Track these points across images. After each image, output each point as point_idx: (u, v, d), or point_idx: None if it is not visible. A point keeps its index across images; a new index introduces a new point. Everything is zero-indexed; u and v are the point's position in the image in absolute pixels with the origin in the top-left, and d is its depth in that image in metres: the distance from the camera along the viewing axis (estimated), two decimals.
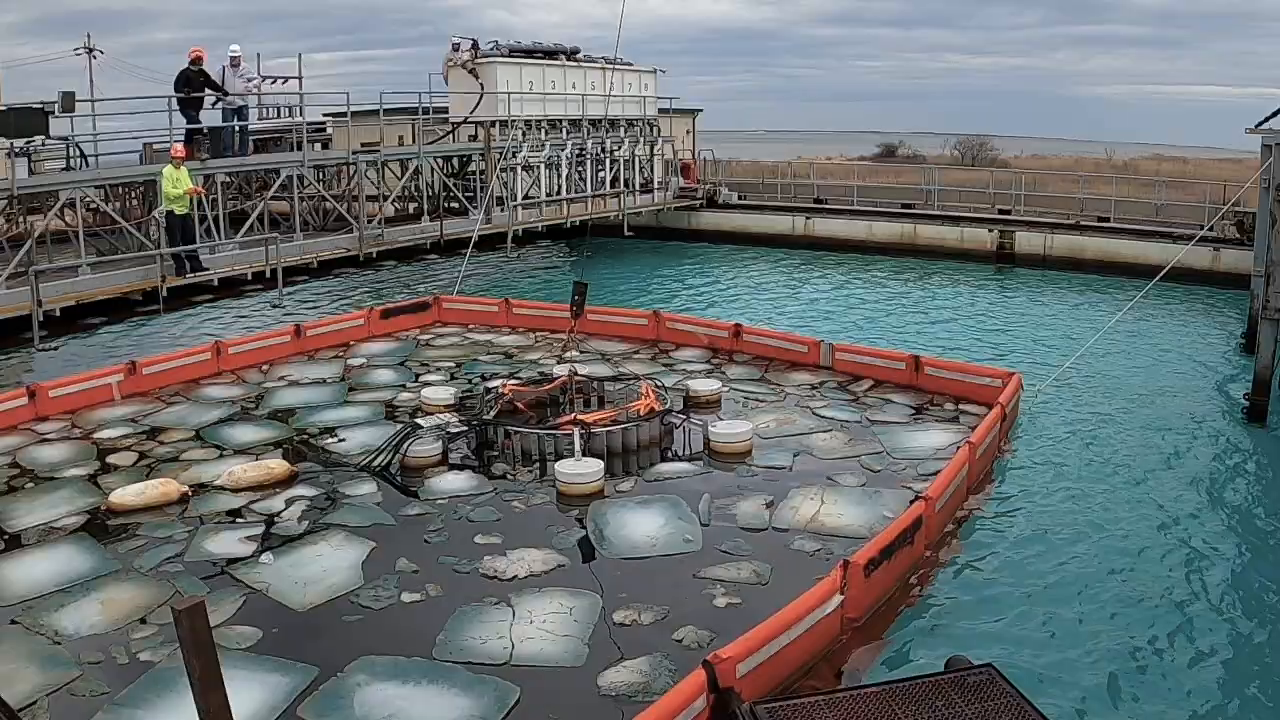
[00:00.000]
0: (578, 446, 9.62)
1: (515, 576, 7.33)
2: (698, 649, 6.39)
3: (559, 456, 9.63)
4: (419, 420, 10.58)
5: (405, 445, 9.82)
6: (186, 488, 9.05)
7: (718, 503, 8.78)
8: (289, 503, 8.87)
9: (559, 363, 13.72)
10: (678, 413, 11.05)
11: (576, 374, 11.54)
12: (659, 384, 11.70)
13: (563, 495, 9.03)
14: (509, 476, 9.50)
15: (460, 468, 9.73)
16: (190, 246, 15.68)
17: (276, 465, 9.56)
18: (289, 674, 6.10)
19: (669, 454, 10.22)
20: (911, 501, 8.36)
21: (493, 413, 10.63)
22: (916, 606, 7.43)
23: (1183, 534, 8.86)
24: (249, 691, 5.68)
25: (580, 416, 10.35)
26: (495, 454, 10.02)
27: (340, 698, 5.88)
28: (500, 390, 11.16)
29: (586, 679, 6.11)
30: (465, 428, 10.38)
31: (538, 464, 9.75)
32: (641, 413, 10.54)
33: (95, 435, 10.70)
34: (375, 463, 9.70)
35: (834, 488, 9.11)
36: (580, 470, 9.12)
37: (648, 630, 6.67)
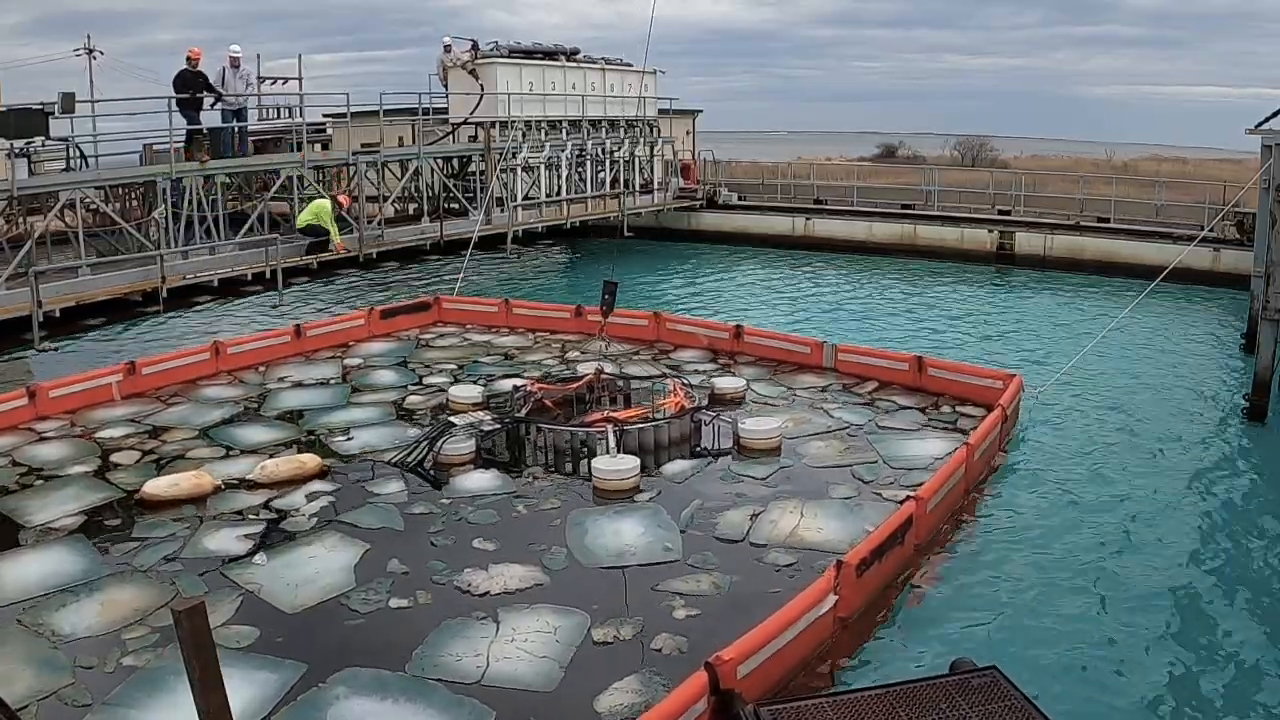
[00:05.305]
0: (612, 444, 9.62)
1: (488, 593, 7.19)
2: (672, 659, 6.34)
3: (592, 454, 9.64)
4: (452, 419, 10.56)
5: (440, 443, 9.82)
6: (219, 481, 9.08)
7: (706, 508, 8.70)
8: (310, 498, 8.86)
9: (561, 361, 13.79)
10: (707, 410, 11.08)
11: (603, 372, 11.60)
12: (686, 381, 11.70)
13: (599, 492, 9.04)
14: (534, 479, 9.47)
15: (488, 466, 9.73)
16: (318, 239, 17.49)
17: (309, 460, 9.57)
18: (269, 678, 6.07)
19: (698, 451, 10.24)
20: (902, 501, 8.33)
21: (525, 411, 10.66)
22: (913, 606, 7.42)
23: (1183, 534, 8.86)
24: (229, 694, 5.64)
25: (612, 414, 10.38)
26: (526, 453, 10.06)
27: (317, 709, 5.81)
28: (529, 388, 11.20)
29: (560, 703, 5.97)
30: (498, 426, 10.39)
31: (570, 461, 9.80)
32: (673, 410, 10.56)
33: (98, 435, 10.68)
34: (409, 459, 9.72)
35: (817, 500, 8.91)
36: (617, 467, 9.14)
37: (626, 647, 6.53)
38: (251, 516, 8.53)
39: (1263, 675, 6.71)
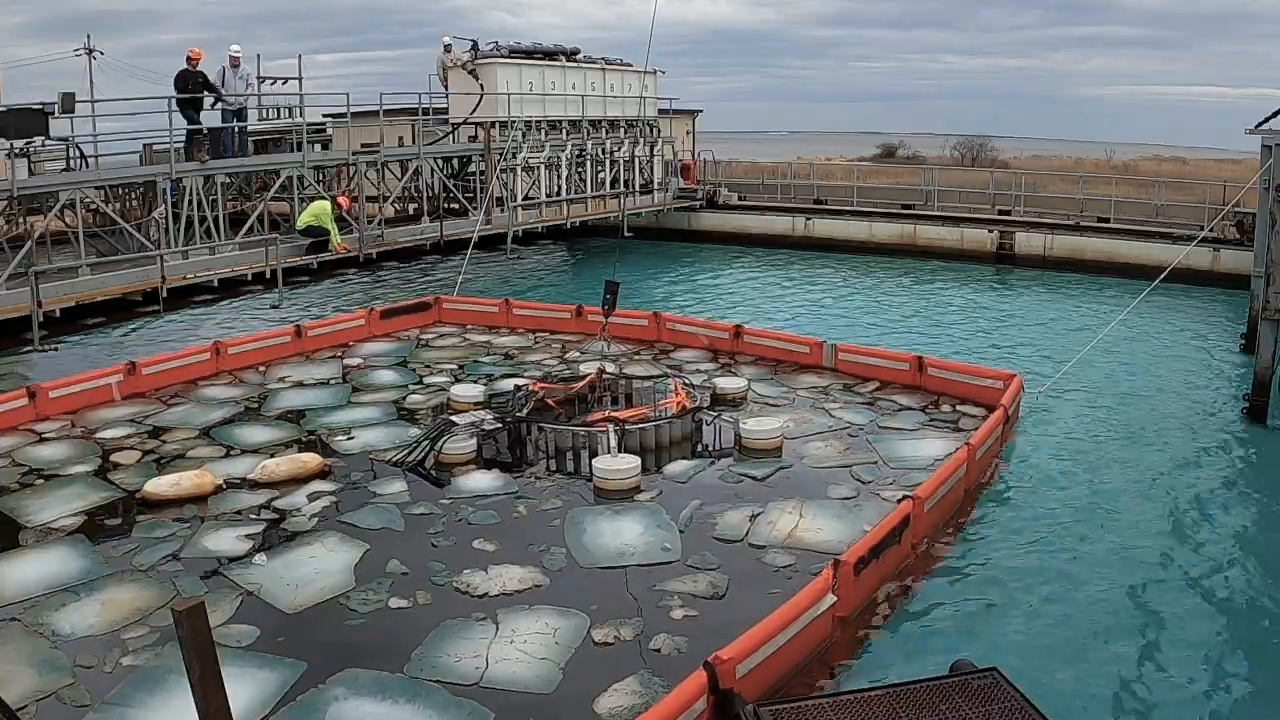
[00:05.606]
0: (613, 443, 9.62)
1: (486, 594, 7.16)
2: (670, 659, 6.34)
3: (593, 453, 9.65)
4: (453, 418, 10.60)
5: (441, 442, 9.83)
6: (221, 480, 9.08)
7: (706, 508, 8.69)
8: (311, 498, 8.86)
9: (562, 362, 13.80)
10: (708, 410, 11.10)
11: (605, 372, 11.60)
12: (688, 381, 11.70)
13: (600, 491, 9.04)
14: (535, 479, 9.48)
15: (489, 466, 9.73)
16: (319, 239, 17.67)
17: (310, 459, 9.57)
18: (268, 677, 6.07)
19: (700, 451, 10.26)
20: (900, 500, 8.33)
21: (526, 410, 10.66)
22: (913, 606, 7.42)
23: (1183, 534, 8.86)
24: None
25: (614, 414, 10.41)
26: (528, 452, 10.08)
27: (316, 710, 5.80)
28: (531, 388, 11.20)
29: (559, 704, 5.96)
30: (499, 425, 10.40)
31: (572, 461, 9.81)
32: (674, 410, 10.58)
33: (98, 435, 10.67)
34: (410, 459, 9.72)
35: (815, 501, 8.89)
36: (617, 466, 9.15)
37: (625, 648, 6.50)
38: (252, 516, 8.53)
39: (1262, 676, 6.71)
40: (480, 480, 9.37)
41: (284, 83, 22.25)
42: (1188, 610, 7.52)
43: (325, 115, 24.98)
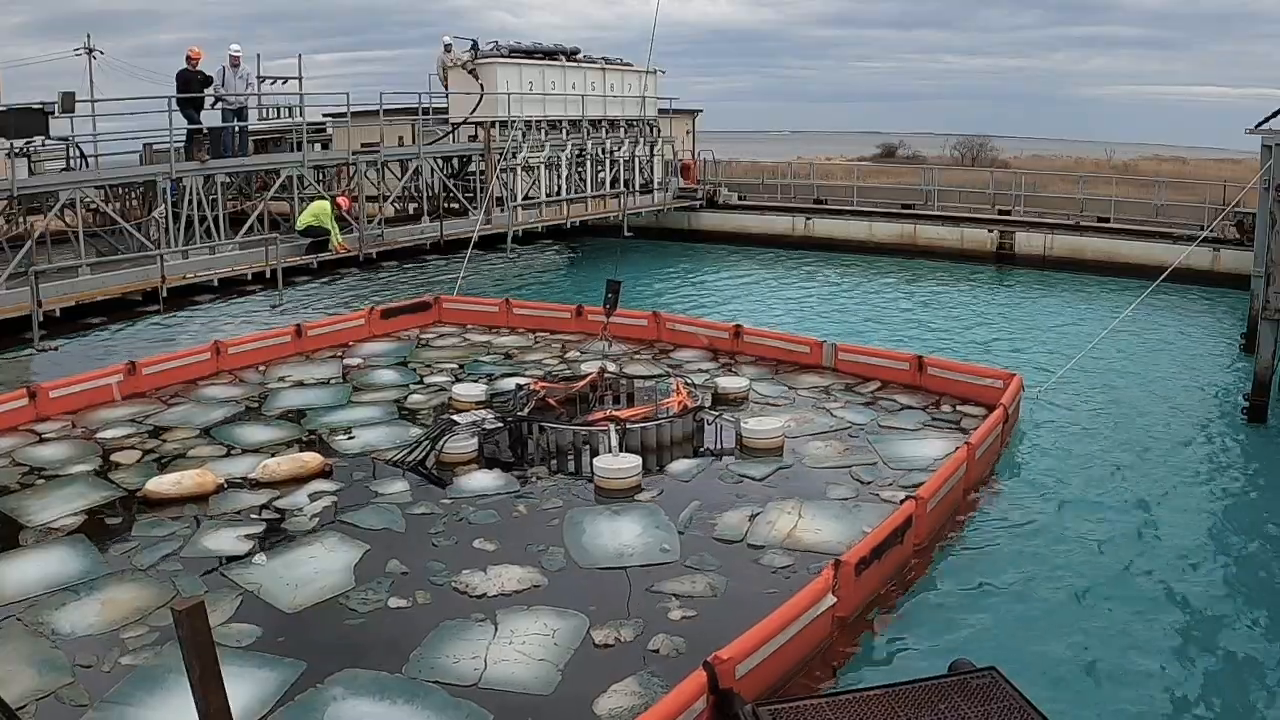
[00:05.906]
0: (614, 442, 9.63)
1: (485, 594, 7.16)
2: (670, 659, 6.35)
3: (594, 453, 9.65)
4: (455, 417, 10.58)
5: (442, 442, 9.83)
6: (223, 479, 9.09)
7: (705, 508, 8.67)
8: (312, 498, 8.86)
9: (562, 361, 13.80)
10: (710, 409, 11.11)
11: (606, 371, 11.65)
12: (690, 381, 11.71)
13: (600, 490, 9.04)
14: (536, 478, 9.48)
15: (490, 465, 9.74)
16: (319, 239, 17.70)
17: (310, 458, 9.57)
18: (268, 677, 6.08)
19: (701, 450, 10.27)
20: (902, 501, 8.33)
21: (527, 409, 10.67)
22: (913, 606, 7.42)
23: (1183, 535, 8.86)
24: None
25: (615, 413, 10.42)
26: (529, 451, 10.09)
27: (315, 710, 5.80)
28: (532, 387, 11.21)
29: (558, 705, 5.95)
30: (501, 424, 10.40)
31: (572, 460, 9.82)
32: (675, 409, 10.60)
33: (99, 435, 10.67)
34: (410, 458, 9.72)
35: (814, 501, 8.89)
36: (618, 466, 9.15)
37: (624, 649, 6.49)
38: (253, 516, 8.53)
39: (1261, 676, 6.71)
40: (481, 480, 9.39)
41: (284, 82, 22.23)
42: (1187, 610, 7.52)
43: (325, 115, 24.97)
